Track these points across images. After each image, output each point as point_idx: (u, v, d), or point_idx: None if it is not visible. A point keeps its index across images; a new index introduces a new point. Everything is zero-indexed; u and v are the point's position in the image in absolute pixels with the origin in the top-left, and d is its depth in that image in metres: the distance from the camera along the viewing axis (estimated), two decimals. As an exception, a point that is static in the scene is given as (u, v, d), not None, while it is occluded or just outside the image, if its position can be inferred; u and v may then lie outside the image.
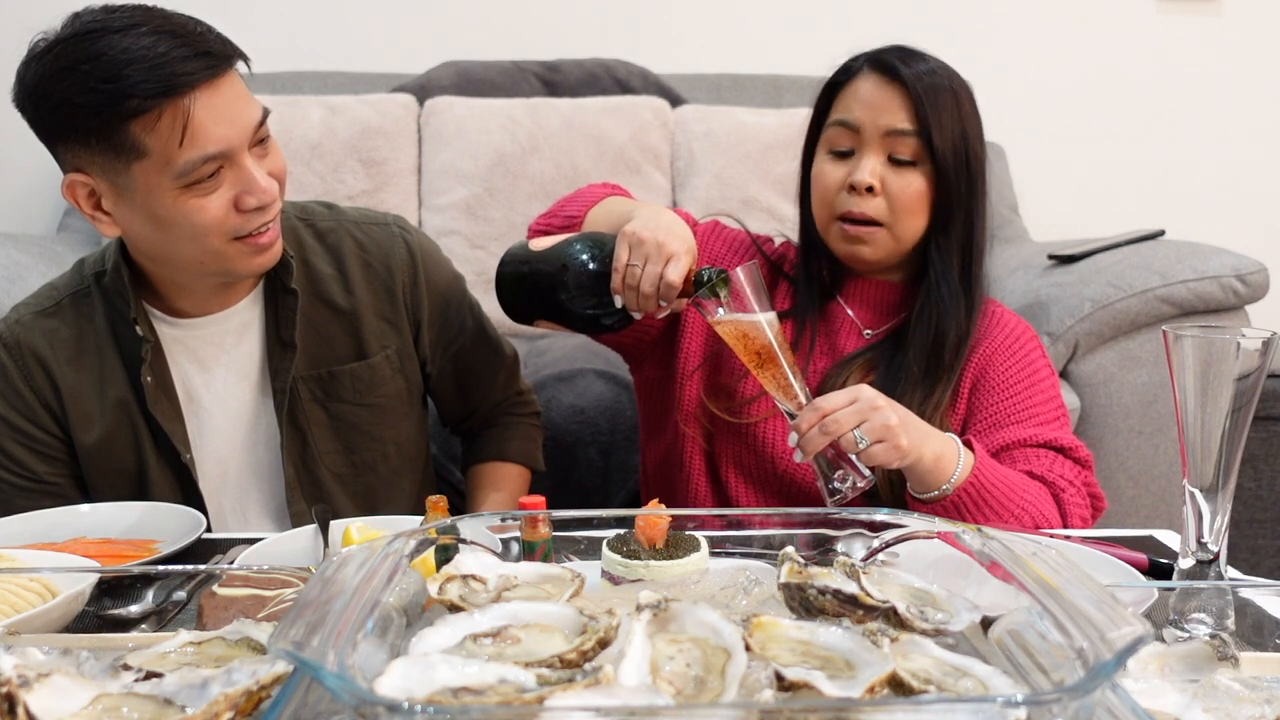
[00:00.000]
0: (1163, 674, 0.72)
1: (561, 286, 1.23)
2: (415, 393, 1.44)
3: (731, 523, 0.87)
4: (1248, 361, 0.88)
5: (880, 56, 1.32)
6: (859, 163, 1.30)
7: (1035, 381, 1.35)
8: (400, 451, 1.42)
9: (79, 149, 1.16)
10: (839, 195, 1.31)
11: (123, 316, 1.29)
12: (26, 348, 1.29)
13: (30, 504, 1.30)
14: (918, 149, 1.29)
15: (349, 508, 1.37)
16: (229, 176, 1.17)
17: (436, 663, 0.60)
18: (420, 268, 1.40)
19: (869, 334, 1.39)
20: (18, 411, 1.30)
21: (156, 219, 1.18)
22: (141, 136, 1.12)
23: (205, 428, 1.34)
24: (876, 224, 1.31)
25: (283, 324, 1.32)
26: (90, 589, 0.87)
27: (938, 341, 1.31)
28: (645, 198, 2.54)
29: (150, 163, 1.13)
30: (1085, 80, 2.94)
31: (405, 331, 1.40)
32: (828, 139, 1.34)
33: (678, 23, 2.89)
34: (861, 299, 1.40)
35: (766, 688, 0.61)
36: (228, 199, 1.17)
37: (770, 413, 1.36)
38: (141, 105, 1.10)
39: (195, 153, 1.13)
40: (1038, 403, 1.34)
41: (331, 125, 2.52)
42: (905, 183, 1.29)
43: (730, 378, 1.39)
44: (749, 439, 1.37)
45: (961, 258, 1.33)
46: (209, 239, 1.19)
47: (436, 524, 0.78)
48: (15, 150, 2.80)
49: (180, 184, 1.14)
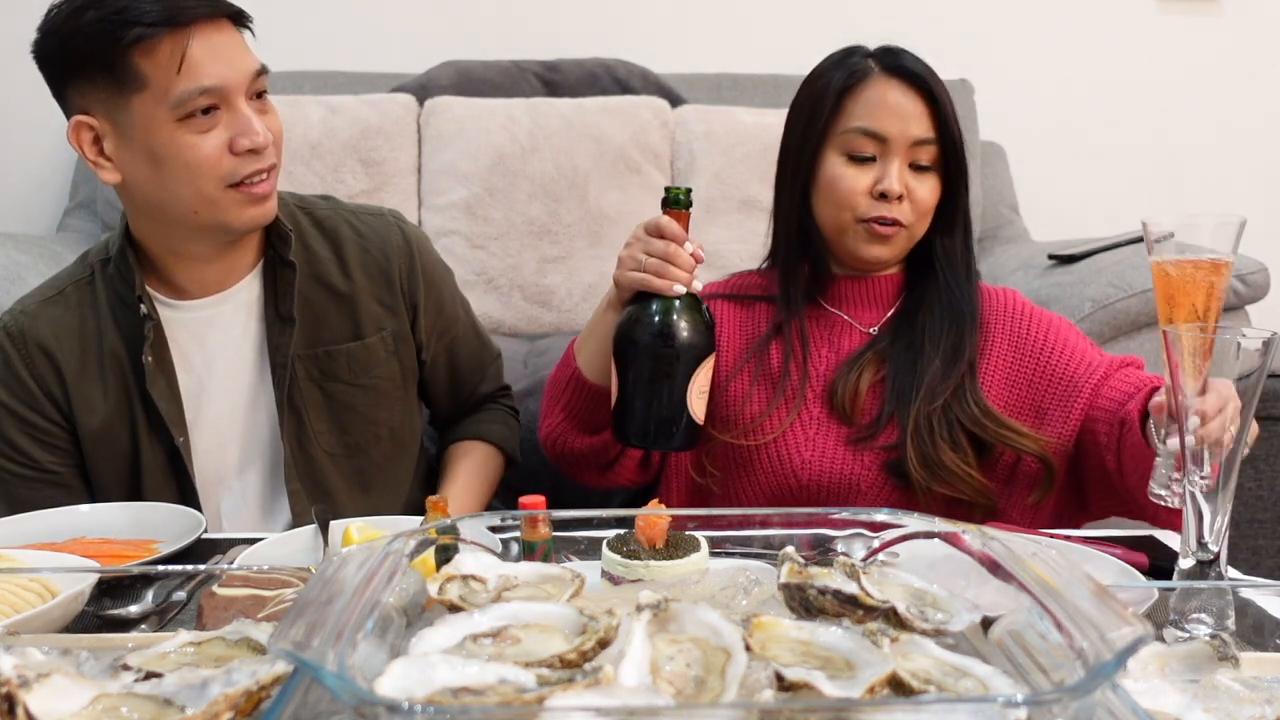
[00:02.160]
0: (1163, 674, 0.71)
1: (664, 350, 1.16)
2: (410, 377, 1.46)
3: (731, 523, 0.87)
4: (1248, 361, 0.88)
5: (888, 60, 1.33)
6: (886, 170, 1.31)
7: (1056, 327, 1.37)
8: (393, 435, 1.44)
9: (85, 85, 1.21)
10: (865, 201, 1.32)
11: (124, 300, 1.32)
12: (31, 337, 1.31)
13: (32, 492, 1.32)
14: (935, 153, 1.32)
15: (342, 488, 1.39)
16: (224, 118, 1.21)
17: (436, 663, 0.60)
18: (416, 255, 1.44)
19: (873, 330, 1.39)
20: (21, 400, 1.31)
21: (154, 157, 1.21)
22: (142, 64, 1.17)
23: (204, 409, 1.35)
24: (900, 225, 1.33)
25: (281, 298, 1.34)
26: (90, 589, 0.87)
27: (955, 326, 1.33)
28: (645, 198, 2.54)
29: (149, 94, 1.18)
30: (1085, 80, 2.94)
31: (402, 315, 1.42)
32: (844, 143, 1.33)
33: (678, 23, 2.89)
34: (856, 299, 1.40)
35: (766, 688, 0.61)
36: (222, 140, 1.22)
37: (782, 428, 1.34)
38: (143, 33, 1.16)
39: (191, 84, 1.18)
40: (1078, 344, 1.36)
41: (331, 125, 2.52)
42: (926, 188, 1.33)
43: (727, 409, 1.37)
44: (763, 460, 1.35)
45: (964, 246, 1.38)
46: (203, 181, 1.22)
47: (436, 524, 0.78)
48: (15, 150, 2.81)
49: (176, 115, 1.19)
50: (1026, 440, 1.29)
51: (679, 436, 1.16)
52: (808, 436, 1.34)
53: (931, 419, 1.29)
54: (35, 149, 2.78)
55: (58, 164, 2.78)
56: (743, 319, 1.43)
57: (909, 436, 1.29)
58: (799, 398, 1.35)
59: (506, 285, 2.48)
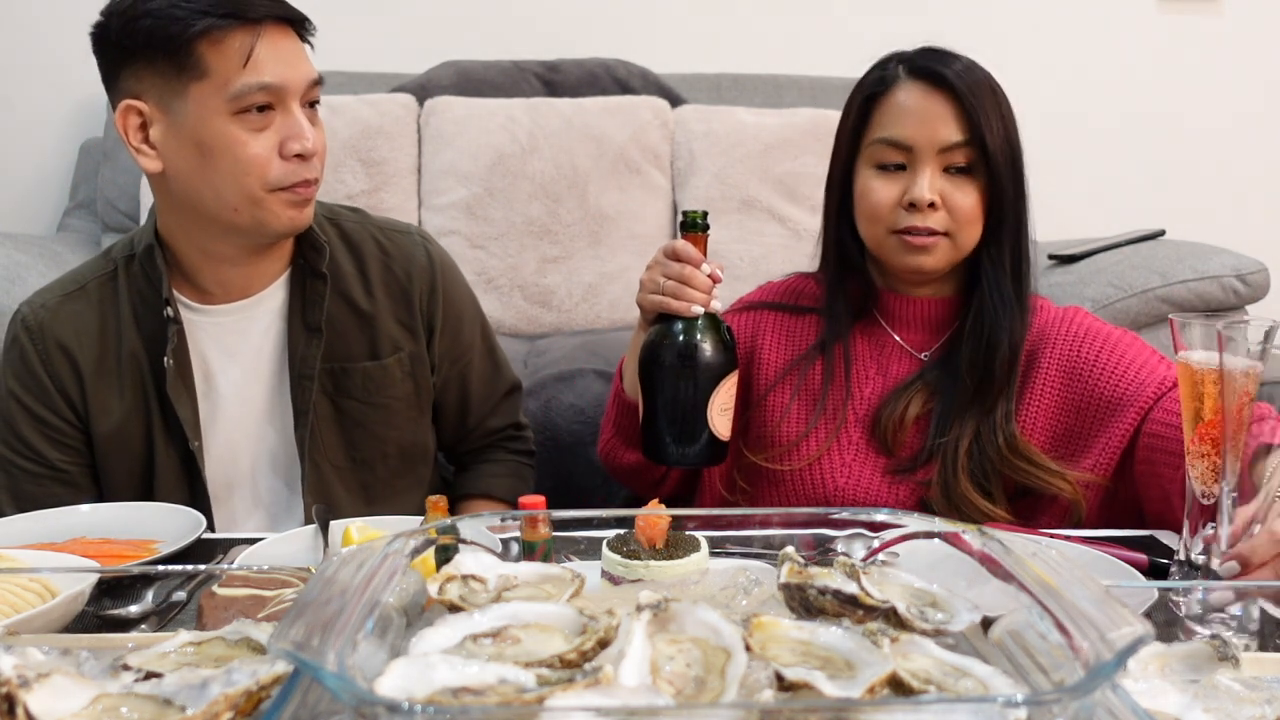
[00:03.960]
0: (1163, 674, 0.71)
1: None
2: (425, 398, 1.44)
3: (731, 523, 0.87)
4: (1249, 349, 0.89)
5: (916, 61, 1.27)
6: (915, 179, 1.24)
7: (1113, 345, 1.27)
8: (402, 453, 1.42)
9: (142, 69, 1.21)
10: (896, 213, 1.26)
11: (146, 300, 1.31)
12: (50, 334, 1.31)
13: (40, 490, 1.32)
14: (972, 156, 1.24)
15: (346, 501, 1.38)
16: (278, 120, 1.22)
17: (436, 663, 0.60)
18: (439, 276, 1.42)
19: (925, 356, 1.33)
20: (35, 398, 1.31)
21: (203, 147, 1.21)
22: (207, 54, 1.18)
23: (219, 415, 1.34)
24: (939, 233, 1.25)
25: (309, 309, 1.34)
26: (90, 589, 0.86)
27: (989, 353, 1.26)
28: (645, 198, 2.54)
29: (209, 84, 1.19)
30: (1085, 80, 2.94)
31: (420, 337, 1.41)
32: (872, 155, 1.28)
33: (678, 23, 2.89)
34: (908, 319, 1.34)
35: (766, 688, 0.61)
36: (273, 142, 1.22)
37: (819, 453, 1.30)
38: (215, 24, 1.18)
39: (253, 78, 1.19)
40: (1135, 360, 1.25)
41: (331, 125, 2.49)
42: (965, 193, 1.25)
43: (762, 428, 1.34)
44: (795, 481, 1.32)
45: (1013, 263, 1.28)
46: (249, 179, 1.22)
47: (436, 524, 0.78)
48: (15, 150, 2.81)
49: (232, 109, 1.20)
50: (1057, 480, 1.22)
51: (701, 453, 1.17)
52: (844, 462, 1.30)
53: (959, 454, 1.23)
54: (35, 149, 2.78)
55: (58, 164, 2.78)
56: (790, 329, 1.39)
57: (935, 473, 1.24)
58: (839, 420, 1.31)
59: (506, 285, 2.48)
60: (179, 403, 1.30)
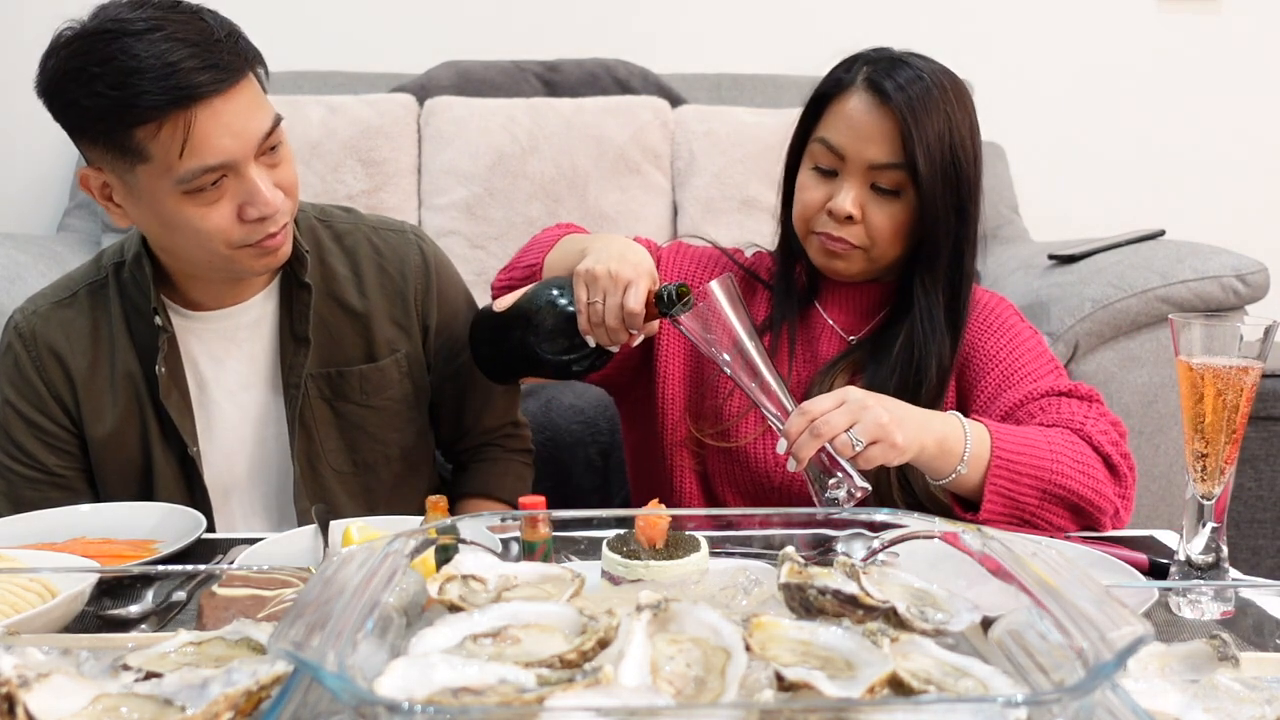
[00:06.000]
0: (1163, 674, 0.72)
1: (533, 339, 1.23)
2: (423, 398, 1.44)
3: (732, 523, 0.87)
4: (1248, 350, 0.89)
5: (874, 70, 1.26)
6: (840, 187, 1.26)
7: (1018, 344, 1.32)
8: (404, 455, 1.42)
9: (89, 145, 1.18)
10: (820, 215, 1.28)
11: (138, 308, 1.31)
12: (42, 340, 1.31)
13: (37, 495, 1.31)
14: (902, 180, 1.24)
15: (349, 506, 1.37)
16: (232, 186, 1.17)
17: (436, 663, 0.60)
18: (434, 275, 1.41)
19: (852, 339, 1.36)
20: (30, 403, 1.31)
21: (162, 220, 1.19)
22: (145, 142, 1.13)
23: (214, 422, 1.34)
24: (854, 246, 1.28)
25: (296, 319, 1.33)
26: (90, 589, 0.87)
27: (917, 379, 1.28)
28: (645, 198, 2.55)
29: (153, 167, 1.14)
30: (1085, 80, 2.94)
31: (415, 336, 1.40)
32: (813, 153, 1.30)
33: (677, 23, 2.89)
34: (840, 305, 1.38)
35: (766, 688, 0.61)
36: (231, 209, 1.18)
37: (760, 430, 1.34)
38: (144, 115, 1.11)
39: (195, 163, 1.13)
40: (1026, 362, 1.30)
41: (331, 125, 2.52)
42: (887, 214, 1.26)
43: (714, 399, 1.37)
44: (741, 458, 1.36)
45: (948, 291, 1.29)
46: (213, 244, 1.20)
47: (436, 524, 0.78)
48: (15, 150, 2.81)
49: (181, 189, 1.15)
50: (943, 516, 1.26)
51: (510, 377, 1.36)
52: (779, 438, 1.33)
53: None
54: (35, 149, 2.78)
55: (58, 164, 2.78)
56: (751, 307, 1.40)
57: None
58: None
59: (506, 285, 2.48)
60: (173, 410, 1.29)
